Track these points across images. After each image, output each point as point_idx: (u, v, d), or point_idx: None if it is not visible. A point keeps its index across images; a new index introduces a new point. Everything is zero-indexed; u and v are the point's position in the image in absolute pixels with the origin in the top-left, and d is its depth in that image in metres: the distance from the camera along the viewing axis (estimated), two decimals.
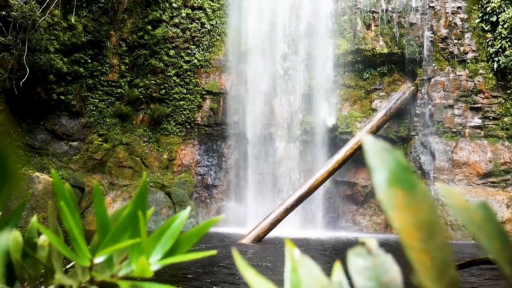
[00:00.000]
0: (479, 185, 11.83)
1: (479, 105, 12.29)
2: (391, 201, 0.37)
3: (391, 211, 0.37)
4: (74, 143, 13.22)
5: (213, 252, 0.58)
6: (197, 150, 14.37)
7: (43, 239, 0.58)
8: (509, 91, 12.09)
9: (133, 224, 0.50)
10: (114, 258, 0.49)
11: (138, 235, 0.51)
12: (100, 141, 13.26)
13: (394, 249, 0.90)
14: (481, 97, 12.30)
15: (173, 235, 0.54)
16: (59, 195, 0.49)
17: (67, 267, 0.58)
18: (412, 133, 12.79)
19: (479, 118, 12.28)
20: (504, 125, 12.09)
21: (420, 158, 12.48)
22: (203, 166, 14.25)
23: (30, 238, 0.58)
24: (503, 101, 12.15)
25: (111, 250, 0.46)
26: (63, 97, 12.84)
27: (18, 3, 10.60)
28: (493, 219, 0.43)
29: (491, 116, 12.20)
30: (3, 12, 10.82)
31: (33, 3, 10.80)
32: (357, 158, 12.98)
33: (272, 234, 10.20)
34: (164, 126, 14.20)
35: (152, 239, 0.52)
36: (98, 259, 0.48)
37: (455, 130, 12.37)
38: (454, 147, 12.21)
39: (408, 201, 0.38)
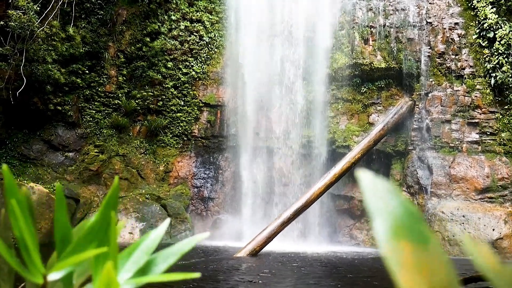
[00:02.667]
0: (476, 200, 11.77)
1: (476, 120, 12.29)
2: (397, 257, 0.29)
3: (397, 269, 0.29)
4: (70, 154, 13.14)
5: (196, 274, 0.52)
6: (193, 162, 14.29)
7: None
8: (506, 107, 12.11)
9: (100, 235, 0.43)
10: (75, 275, 0.42)
11: (107, 245, 0.44)
12: (96, 152, 13.18)
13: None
14: (478, 113, 12.31)
15: (148, 251, 0.48)
16: (8, 193, 0.43)
17: (22, 286, 0.50)
18: (410, 148, 12.76)
19: (477, 133, 12.28)
20: (501, 140, 12.08)
21: (417, 173, 12.43)
22: (199, 178, 14.16)
23: None
24: (500, 116, 12.16)
25: (70, 264, 0.39)
26: (59, 108, 12.79)
27: (16, 14, 10.61)
28: None
29: (488, 132, 12.19)
30: (2, 22, 10.82)
31: (31, 13, 10.81)
32: (354, 172, 12.92)
33: (268, 248, 10.09)
34: (161, 137, 14.14)
35: (123, 254, 0.46)
36: (54, 276, 0.40)
37: (453, 145, 12.35)
38: (452, 162, 12.17)
39: (419, 258, 0.29)
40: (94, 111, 13.56)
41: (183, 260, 7.93)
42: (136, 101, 13.91)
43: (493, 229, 10.89)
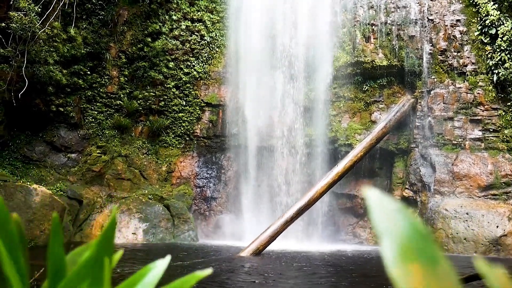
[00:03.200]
0: (480, 197, 11.74)
1: (479, 117, 12.25)
2: (405, 280, 0.28)
3: None
4: (73, 155, 13.15)
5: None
6: (196, 162, 14.29)
7: None
8: (509, 103, 12.06)
9: (94, 271, 0.41)
10: None
11: (100, 285, 0.41)
12: (98, 153, 13.19)
13: None
14: (481, 110, 12.27)
15: None
16: None
17: None
18: (412, 145, 12.74)
19: (479, 130, 12.24)
20: (504, 137, 12.04)
21: (420, 171, 12.40)
22: (202, 178, 14.16)
23: None
24: (503, 113, 12.11)
25: None
26: (62, 109, 12.80)
27: (17, 15, 10.61)
28: None
29: (491, 129, 12.15)
30: (3, 24, 10.82)
31: (32, 15, 10.81)
32: (356, 170, 12.90)
33: (271, 247, 10.08)
34: (163, 138, 14.14)
35: None
36: None
37: (455, 142, 12.32)
38: (455, 159, 12.14)
39: (429, 281, 0.28)
40: (96, 112, 13.57)
41: (185, 260, 7.92)
42: (138, 102, 13.91)
43: (497, 226, 10.86)
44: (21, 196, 10.03)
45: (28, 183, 10.60)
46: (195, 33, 14.21)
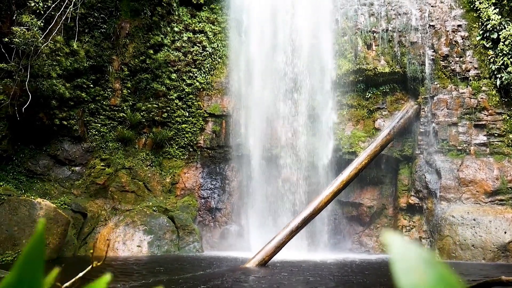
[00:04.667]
0: (486, 203, 11.62)
1: (483, 122, 12.18)
2: None
3: None
4: (77, 168, 13.15)
5: None
6: (200, 173, 14.25)
7: None
8: None
9: None
10: None
11: None
12: (102, 165, 13.18)
13: None
14: (485, 114, 12.20)
15: None
16: None
17: None
18: (417, 152, 12.66)
19: (484, 135, 12.16)
20: (509, 142, 11.95)
21: (425, 177, 12.31)
22: (206, 189, 14.11)
23: None
24: (507, 117, 12.04)
25: None
26: (65, 122, 12.83)
27: (20, 30, 10.68)
28: None
29: (496, 133, 12.07)
30: (6, 39, 10.90)
31: (35, 29, 10.88)
32: (361, 178, 12.82)
33: (277, 257, 9.98)
34: (167, 149, 14.12)
35: None
36: None
37: (460, 148, 12.23)
38: (460, 165, 12.05)
39: None
40: (99, 125, 13.59)
41: (191, 272, 7.85)
42: (141, 114, 13.93)
43: (505, 232, 10.73)
44: (25, 210, 10.01)
45: (32, 197, 10.59)
46: (197, 44, 14.26)
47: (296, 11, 13.55)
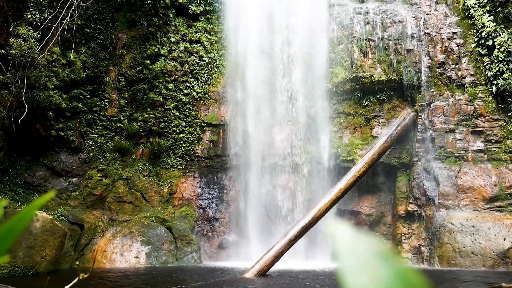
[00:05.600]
0: (485, 209, 11.59)
1: (480, 129, 12.20)
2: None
3: None
4: (73, 179, 13.08)
5: None
6: (197, 182, 14.20)
7: None
8: (509, 114, 12.02)
9: None
10: None
11: None
12: (99, 176, 13.12)
13: None
14: (482, 121, 12.22)
15: None
16: None
17: None
18: (415, 159, 12.65)
19: (481, 141, 12.17)
20: (507, 148, 11.96)
21: (424, 184, 12.29)
22: (204, 199, 14.05)
23: None
24: (504, 124, 12.06)
25: None
26: (62, 133, 12.79)
27: (17, 42, 10.69)
28: None
29: (493, 140, 12.08)
30: (2, 51, 10.91)
31: (32, 41, 10.89)
32: (360, 186, 12.80)
33: (276, 266, 9.91)
34: (164, 159, 14.08)
35: None
36: None
37: (458, 154, 12.23)
38: (458, 172, 12.03)
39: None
40: (96, 135, 13.55)
41: (189, 283, 7.77)
42: (138, 124, 13.91)
43: (504, 239, 10.69)
44: None
45: None
46: (194, 54, 14.30)
47: (292, 20, 13.62)
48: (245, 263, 10.84)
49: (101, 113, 13.62)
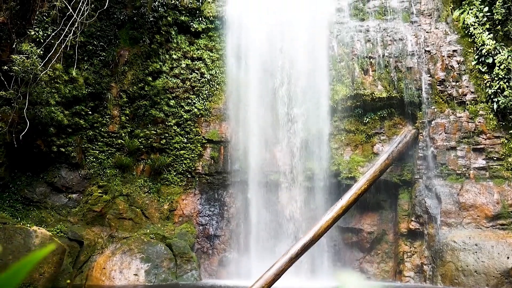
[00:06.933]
0: (488, 227, 11.48)
1: (481, 146, 12.17)
2: None
3: None
4: (74, 195, 13.03)
5: None
6: (198, 199, 14.12)
7: None
8: (511, 131, 12.00)
9: None
10: None
11: None
12: (99, 192, 13.07)
13: None
14: (483, 138, 12.20)
15: None
16: None
17: None
18: (416, 177, 12.60)
19: (483, 159, 12.12)
20: (508, 165, 11.90)
21: (425, 202, 12.20)
22: (204, 216, 13.96)
23: None
24: (505, 141, 12.04)
25: None
26: (63, 149, 12.79)
27: (20, 58, 10.77)
28: None
29: (495, 157, 12.04)
30: (5, 67, 10.98)
31: (35, 57, 10.97)
32: (361, 203, 12.71)
33: (279, 284, 9.78)
34: (165, 176, 14.04)
35: None
36: None
37: (460, 172, 12.18)
38: (460, 190, 11.96)
39: None
40: (97, 152, 13.54)
41: None
42: (139, 140, 13.91)
43: (508, 257, 10.56)
44: (21, 238, 9.86)
45: (28, 225, 10.44)
46: (195, 71, 14.38)
47: (293, 38, 13.72)
48: (245, 281, 10.70)
49: (102, 129, 13.63)
